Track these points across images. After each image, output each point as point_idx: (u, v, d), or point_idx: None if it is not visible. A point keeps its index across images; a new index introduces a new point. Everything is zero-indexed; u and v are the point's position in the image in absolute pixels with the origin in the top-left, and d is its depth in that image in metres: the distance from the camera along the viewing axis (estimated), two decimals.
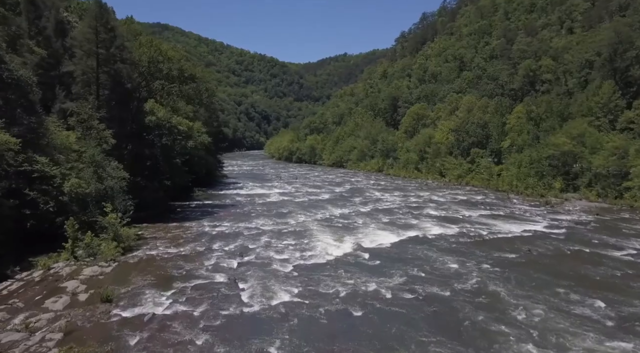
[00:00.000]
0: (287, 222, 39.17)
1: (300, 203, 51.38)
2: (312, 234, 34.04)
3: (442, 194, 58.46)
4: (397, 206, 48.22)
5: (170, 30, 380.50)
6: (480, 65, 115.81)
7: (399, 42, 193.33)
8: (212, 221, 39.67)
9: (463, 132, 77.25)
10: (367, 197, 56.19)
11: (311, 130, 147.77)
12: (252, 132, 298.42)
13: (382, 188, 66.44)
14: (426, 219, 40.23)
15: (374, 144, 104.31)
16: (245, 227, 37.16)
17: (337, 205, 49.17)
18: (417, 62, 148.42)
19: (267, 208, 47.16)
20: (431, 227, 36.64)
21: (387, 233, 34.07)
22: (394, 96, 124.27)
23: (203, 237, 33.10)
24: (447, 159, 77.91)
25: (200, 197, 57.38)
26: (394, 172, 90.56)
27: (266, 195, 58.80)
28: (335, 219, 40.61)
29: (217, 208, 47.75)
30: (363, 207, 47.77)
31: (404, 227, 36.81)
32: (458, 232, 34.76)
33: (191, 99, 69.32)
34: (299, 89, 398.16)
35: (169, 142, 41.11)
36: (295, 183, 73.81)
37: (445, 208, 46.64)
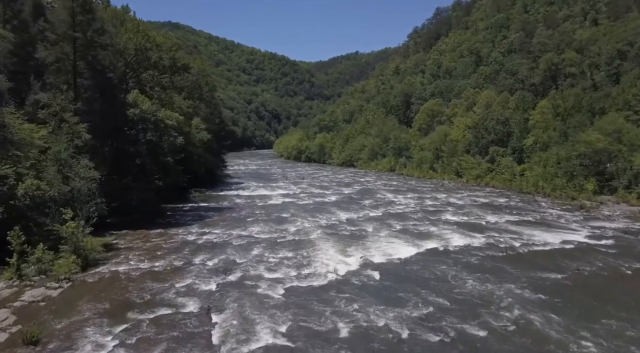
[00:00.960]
0: (286, 229, 34.32)
1: (304, 206, 46.54)
2: (313, 245, 29.14)
3: (461, 196, 53.25)
4: (411, 210, 43.18)
5: (181, 29, 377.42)
6: (497, 60, 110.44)
7: (412, 37, 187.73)
8: (201, 227, 34.95)
9: (481, 129, 71.80)
10: (378, 199, 51.18)
11: (321, 128, 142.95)
12: (262, 131, 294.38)
13: (395, 189, 61.36)
14: (445, 226, 35.12)
15: (385, 142, 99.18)
16: (238, 234, 32.36)
17: (344, 208, 44.25)
18: (431, 58, 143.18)
19: (267, 212, 42.38)
20: (452, 236, 31.52)
21: (401, 245, 29.05)
22: (407, 92, 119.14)
23: (186, 247, 28.37)
24: (464, 158, 72.53)
25: (196, 198, 52.79)
26: (407, 171, 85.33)
27: (268, 196, 54.04)
28: (341, 226, 35.69)
29: (212, 211, 43.09)
30: (373, 211, 42.80)
31: (421, 236, 31.77)
32: (485, 242, 29.61)
33: (190, 93, 65.51)
34: (310, 87, 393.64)
35: (154, 137, 36.43)
36: (301, 184, 69.00)
37: (466, 212, 41.50)
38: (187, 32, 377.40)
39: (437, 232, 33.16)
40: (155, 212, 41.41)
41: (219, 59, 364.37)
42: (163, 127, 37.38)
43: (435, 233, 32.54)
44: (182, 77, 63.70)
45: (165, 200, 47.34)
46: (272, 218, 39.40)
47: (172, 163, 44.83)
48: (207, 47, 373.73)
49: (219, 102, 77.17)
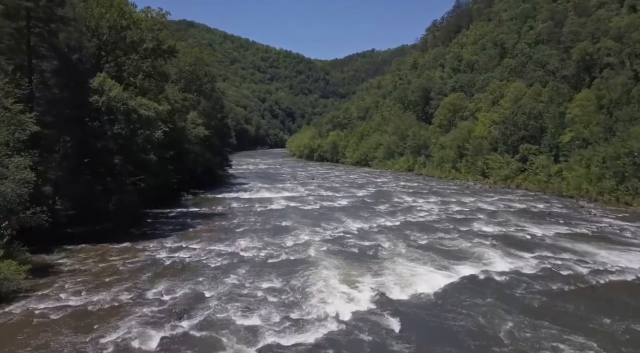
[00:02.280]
0: (281, 244, 27.65)
1: (308, 212, 39.84)
2: (311, 268, 22.39)
3: (491, 200, 46.10)
4: (435, 218, 36.21)
5: (196, 27, 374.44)
6: (524, 51, 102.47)
7: (430, 31, 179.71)
8: (179, 240, 28.46)
9: (510, 124, 64.34)
10: (396, 204, 44.27)
11: (334, 125, 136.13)
12: (276, 130, 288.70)
13: (414, 191, 54.33)
14: (481, 241, 28.09)
15: (403, 140, 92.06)
16: (220, 251, 25.78)
17: (355, 216, 37.45)
18: (451, 51, 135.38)
19: (264, 220, 35.77)
20: (492, 256, 24.50)
21: (427, 269, 22.14)
22: (426, 87, 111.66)
23: (147, 271, 21.86)
24: (491, 157, 65.21)
25: (188, 202, 46.46)
26: (426, 171, 78.17)
27: (270, 200, 47.45)
28: (350, 239, 28.88)
29: (200, 218, 36.63)
30: (390, 219, 35.90)
31: (451, 255, 24.85)
32: (538, 267, 22.52)
33: (187, 84, 59.26)
34: (325, 85, 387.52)
35: (124, 131, 30.03)
36: (310, 185, 62.32)
37: (502, 221, 34.42)
38: (201, 31, 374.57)
39: (472, 249, 26.16)
40: (134, 219, 35.22)
41: (233, 57, 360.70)
42: (136, 118, 30.92)
43: (470, 252, 25.55)
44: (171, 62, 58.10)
45: (150, 204, 41.26)
46: (268, 228, 32.76)
47: (157, 161, 38.48)
48: (222, 45, 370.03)
49: (220, 95, 71.04)
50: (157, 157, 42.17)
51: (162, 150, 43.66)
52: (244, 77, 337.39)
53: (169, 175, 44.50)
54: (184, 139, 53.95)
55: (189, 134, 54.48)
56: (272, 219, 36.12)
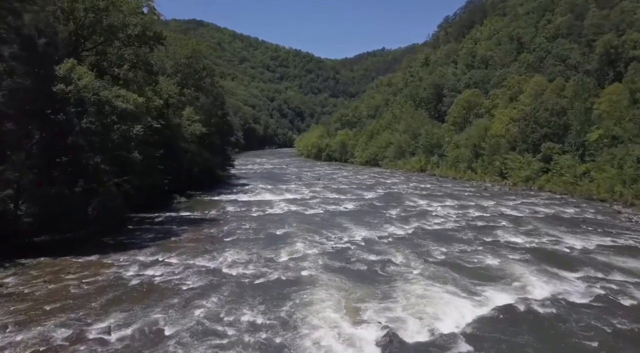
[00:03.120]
0: (274, 258, 23.45)
1: (310, 217, 35.62)
2: (305, 294, 18.12)
3: (513, 204, 41.59)
4: (454, 226, 31.81)
5: (205, 26, 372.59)
6: (542, 46, 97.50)
7: (442, 28, 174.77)
8: (156, 252, 24.36)
9: (531, 121, 59.66)
10: (408, 208, 39.92)
11: (342, 124, 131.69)
12: (285, 129, 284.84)
13: (428, 194, 49.90)
14: (511, 255, 23.69)
15: (414, 139, 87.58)
16: (200, 268, 21.64)
17: (362, 222, 33.16)
18: (464, 47, 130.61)
19: (259, 227, 31.60)
20: (528, 276, 20.03)
21: (449, 295, 17.75)
22: (438, 84, 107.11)
23: (103, 295, 17.74)
24: (510, 156, 60.57)
25: (180, 205, 42.48)
26: (440, 172, 73.63)
27: (270, 203, 43.32)
28: (354, 252, 24.60)
29: (187, 225, 32.57)
30: (401, 226, 31.57)
31: (478, 275, 20.50)
32: (587, 292, 18.10)
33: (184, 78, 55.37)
34: (335, 84, 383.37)
35: (93, 125, 26.00)
36: (315, 186, 58.10)
37: (531, 230, 29.95)
38: (211, 30, 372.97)
39: (501, 266, 21.76)
40: (116, 224, 31.33)
41: (242, 56, 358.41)
42: (110, 111, 26.88)
43: (499, 270, 21.14)
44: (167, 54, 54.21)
45: (137, 207, 37.39)
46: (262, 237, 28.59)
47: (142, 160, 34.51)
48: (231, 45, 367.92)
49: (221, 91, 67.10)
50: (145, 155, 38.53)
51: (151, 148, 39.96)
52: (253, 76, 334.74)
53: (158, 176, 40.70)
54: (179, 137, 50.12)
55: (184, 132, 50.59)
56: (269, 226, 31.94)
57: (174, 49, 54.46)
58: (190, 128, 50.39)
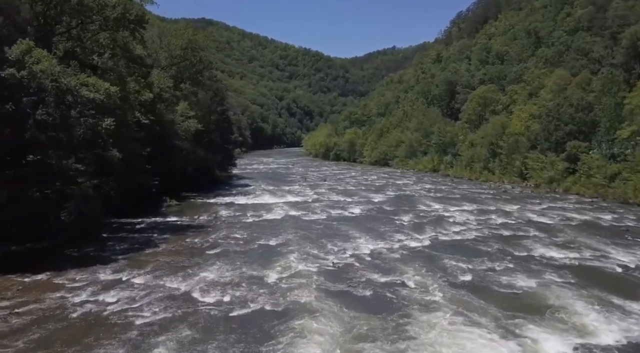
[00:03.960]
0: (260, 278, 19.29)
1: (311, 224, 31.43)
2: (294, 333, 13.93)
3: (540, 209, 37.11)
4: (476, 235, 27.46)
5: (214, 25, 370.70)
6: (562, 40, 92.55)
7: (455, 23, 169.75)
8: (122, 269, 20.32)
9: (554, 118, 55.05)
10: (422, 213, 35.61)
11: (351, 122, 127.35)
12: (294, 129, 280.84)
13: (443, 197, 45.53)
14: (551, 276, 19.28)
15: (426, 138, 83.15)
16: (168, 292, 17.55)
17: (370, 230, 28.93)
18: (478, 43, 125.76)
19: (251, 236, 27.50)
20: (580, 307, 15.66)
21: (483, 339, 13.45)
22: (451, 80, 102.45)
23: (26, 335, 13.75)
24: (531, 156, 56.00)
25: (169, 209, 38.50)
26: (454, 172, 69.14)
27: (269, 207, 39.24)
28: (358, 271, 20.31)
29: (171, 232, 28.56)
30: (415, 235, 27.31)
31: (515, 305, 16.15)
32: None
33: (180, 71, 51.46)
34: (344, 83, 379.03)
35: (50, 117, 21.96)
36: (320, 188, 53.95)
37: (569, 242, 25.50)
38: (220, 29, 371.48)
39: (542, 292, 17.39)
40: (89, 233, 27.49)
41: (251, 55, 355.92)
42: (72, 101, 22.87)
43: (541, 298, 16.80)
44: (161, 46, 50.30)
45: (120, 211, 33.61)
46: (252, 249, 24.49)
47: (123, 158, 30.56)
48: (240, 43, 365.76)
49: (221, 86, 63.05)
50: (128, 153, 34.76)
51: (136, 146, 36.15)
52: (262, 75, 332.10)
53: (144, 176, 36.83)
54: (172, 134, 46.23)
55: (178, 128, 46.68)
56: (263, 234, 27.83)
57: (167, 39, 50.53)
58: (184, 124, 46.42)
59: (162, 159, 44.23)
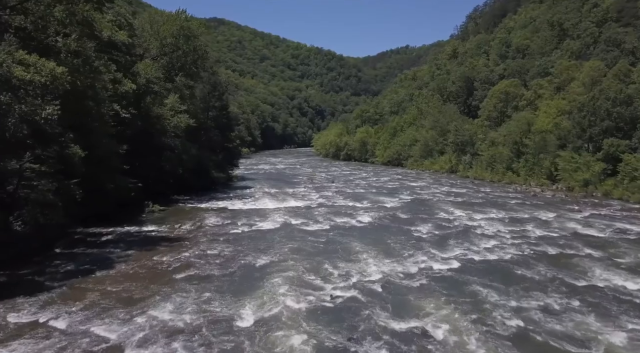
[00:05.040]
0: (229, 320, 14.02)
1: (310, 237, 26.13)
2: None
3: (582, 218, 31.48)
4: (514, 254, 21.93)
5: (226, 24, 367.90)
6: (590, 31, 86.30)
7: (471, 18, 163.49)
8: (44, 305, 15.20)
9: (588, 113, 49.22)
10: (443, 222, 30.17)
11: (363, 121, 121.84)
12: (305, 128, 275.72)
13: (465, 202, 40.01)
14: (631, 319, 13.95)
15: (443, 136, 77.49)
16: (91, 344, 12.49)
17: (380, 246, 23.58)
18: (497, 37, 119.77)
19: (235, 253, 22.28)
20: None
21: None
22: (468, 76, 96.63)
23: None
24: (563, 155, 50.20)
25: (149, 215, 33.42)
26: (474, 173, 63.43)
27: (267, 213, 34.09)
28: (365, 311, 14.93)
29: (139, 248, 23.41)
30: (438, 254, 21.87)
31: None
32: None
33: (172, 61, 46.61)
34: (357, 82, 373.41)
35: None
36: (327, 191, 48.71)
37: (637, 264, 19.99)
38: (232, 28, 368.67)
39: None
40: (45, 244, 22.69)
41: (263, 54, 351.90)
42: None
43: None
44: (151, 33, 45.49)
45: (91, 219, 28.83)
46: (230, 273, 19.24)
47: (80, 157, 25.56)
48: (252, 43, 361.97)
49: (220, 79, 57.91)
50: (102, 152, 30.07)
51: (112, 143, 31.29)
52: (274, 74, 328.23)
53: (121, 178, 31.95)
54: (162, 131, 41.34)
55: (167, 124, 41.73)
56: (250, 251, 22.60)
57: (157, 27, 45.61)
58: (173, 120, 41.43)
59: (149, 159, 39.47)
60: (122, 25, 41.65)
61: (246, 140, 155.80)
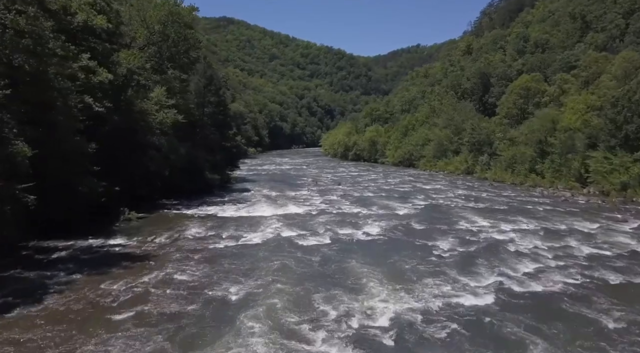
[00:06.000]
0: None
1: (304, 255, 21.32)
2: None
3: (632, 230, 26.50)
4: (564, 283, 16.96)
5: (235, 24, 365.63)
6: (616, 23, 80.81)
7: (486, 14, 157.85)
8: None
9: (623, 108, 44.00)
10: (466, 234, 25.30)
11: (373, 120, 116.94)
12: (314, 128, 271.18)
13: (488, 208, 35.07)
14: None
15: (458, 135, 72.56)
16: None
17: (393, 268, 18.77)
18: (514, 32, 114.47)
19: (204, 280, 17.54)
20: None
21: None
22: (484, 72, 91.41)
23: None
24: (595, 155, 45.05)
25: (122, 226, 28.75)
26: (493, 175, 58.33)
27: (260, 222, 29.47)
28: None
29: (90, 270, 18.73)
30: (466, 282, 16.98)
31: None
32: None
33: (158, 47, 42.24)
34: (367, 82, 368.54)
35: None
36: (332, 194, 44.03)
37: None
38: (241, 27, 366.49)
39: None
40: None
41: (272, 53, 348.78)
42: None
43: None
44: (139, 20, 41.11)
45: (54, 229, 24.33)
46: (194, 311, 14.48)
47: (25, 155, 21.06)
48: (261, 42, 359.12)
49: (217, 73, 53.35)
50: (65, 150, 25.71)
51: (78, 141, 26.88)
52: (283, 73, 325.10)
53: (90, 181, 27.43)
54: (146, 128, 36.84)
55: (152, 120, 37.25)
56: (224, 277, 17.87)
57: (144, 13, 41.16)
58: (159, 115, 36.93)
59: (131, 159, 35.00)
60: (104, 10, 37.26)
61: (253, 140, 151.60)
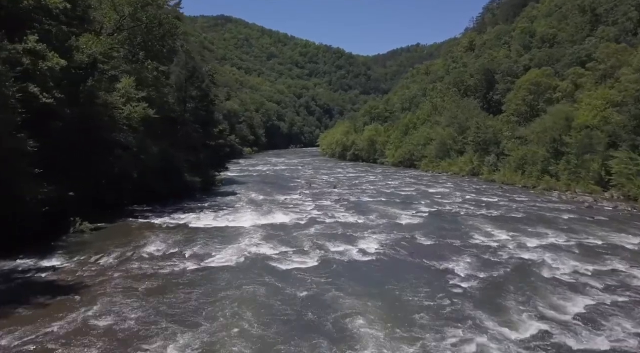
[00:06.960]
0: None
1: (285, 283, 16.67)
2: None
3: None
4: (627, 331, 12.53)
5: (233, 22, 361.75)
6: (629, 15, 76.30)
7: (488, 9, 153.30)
8: None
9: None
10: (484, 252, 20.67)
11: (372, 118, 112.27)
12: (312, 127, 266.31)
13: (502, 216, 30.39)
14: None
15: (462, 134, 68.02)
16: None
17: (395, 304, 14.16)
18: (519, 27, 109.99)
19: (149, 321, 12.96)
20: None
21: None
22: (489, 68, 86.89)
23: None
24: (618, 155, 40.50)
25: (69, 240, 23.98)
26: (501, 177, 53.61)
27: (237, 235, 24.84)
28: None
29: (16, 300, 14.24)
30: (492, 329, 12.41)
31: None
32: None
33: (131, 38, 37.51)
34: (366, 81, 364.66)
35: None
36: (326, 199, 39.35)
37: None
38: (239, 25, 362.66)
39: None
40: None
41: (270, 52, 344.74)
42: None
43: None
44: None
45: None
46: None
47: None
48: (259, 40, 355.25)
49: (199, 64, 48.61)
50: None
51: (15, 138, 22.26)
52: (281, 72, 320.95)
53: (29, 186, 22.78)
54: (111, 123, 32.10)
55: (119, 115, 32.52)
56: (172, 318, 13.26)
57: None
58: (126, 109, 32.21)
59: (93, 159, 30.36)
60: None
61: (248, 139, 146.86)
